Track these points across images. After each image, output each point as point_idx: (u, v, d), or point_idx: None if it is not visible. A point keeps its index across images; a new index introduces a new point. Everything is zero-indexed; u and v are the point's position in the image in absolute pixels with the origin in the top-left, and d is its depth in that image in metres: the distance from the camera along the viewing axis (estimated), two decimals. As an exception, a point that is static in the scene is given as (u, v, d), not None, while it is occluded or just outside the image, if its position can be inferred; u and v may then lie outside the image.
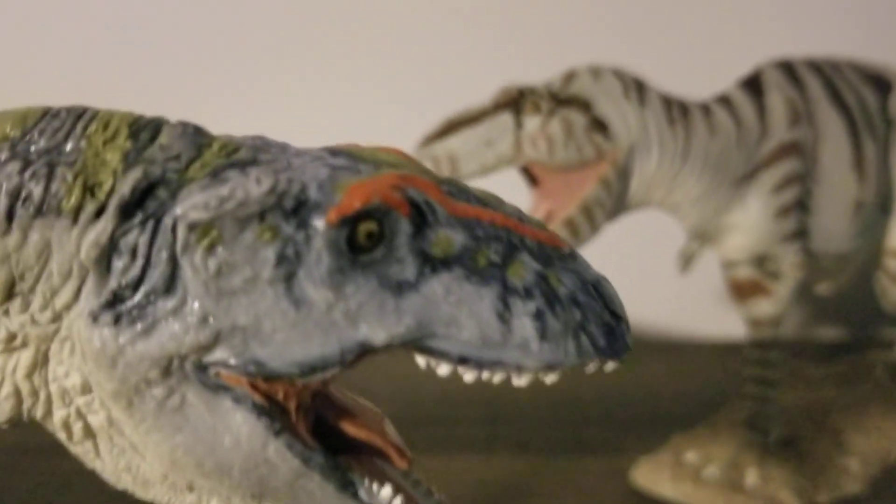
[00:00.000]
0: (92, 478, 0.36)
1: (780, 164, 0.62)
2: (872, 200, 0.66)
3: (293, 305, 0.30)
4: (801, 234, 0.63)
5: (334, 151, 0.33)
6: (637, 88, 0.59)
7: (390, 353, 0.31)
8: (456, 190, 0.32)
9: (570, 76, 0.59)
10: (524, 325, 0.30)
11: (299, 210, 0.30)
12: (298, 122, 0.90)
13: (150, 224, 0.31)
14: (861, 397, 0.75)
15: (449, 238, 0.31)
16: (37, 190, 0.31)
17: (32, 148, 0.32)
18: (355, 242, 0.30)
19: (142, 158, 0.31)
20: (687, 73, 0.66)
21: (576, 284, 0.31)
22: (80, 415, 0.33)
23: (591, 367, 0.31)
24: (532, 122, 0.57)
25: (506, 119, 0.57)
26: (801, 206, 0.63)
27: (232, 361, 0.30)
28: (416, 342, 0.31)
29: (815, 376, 0.80)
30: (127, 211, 0.31)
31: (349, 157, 0.32)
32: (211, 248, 0.30)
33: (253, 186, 0.30)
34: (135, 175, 0.31)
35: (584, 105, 0.58)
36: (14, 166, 0.31)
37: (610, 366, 0.31)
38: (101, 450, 0.34)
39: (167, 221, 0.31)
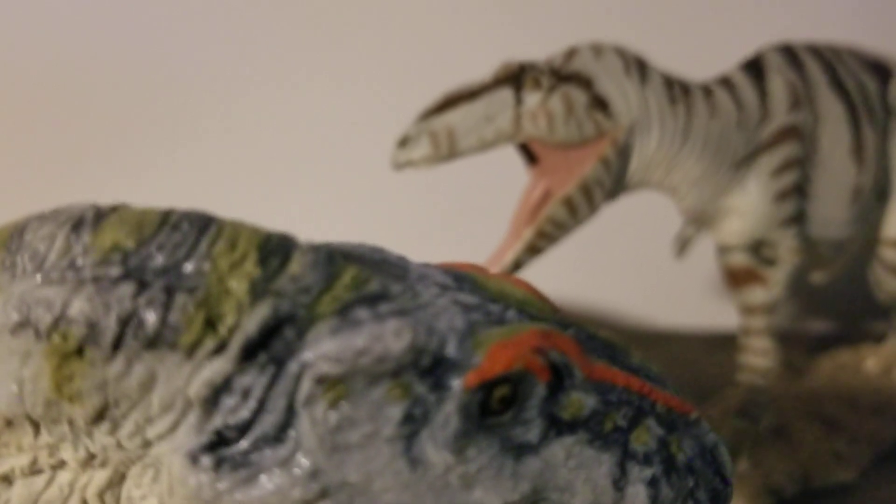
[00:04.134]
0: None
1: (780, 147, 0.62)
2: (870, 188, 0.65)
3: (409, 466, 0.28)
4: (798, 219, 0.63)
5: (459, 280, 0.31)
6: (638, 67, 0.59)
7: None
8: (587, 340, 0.31)
9: (571, 53, 0.58)
10: (638, 492, 0.30)
11: (435, 369, 0.28)
12: (300, 98, 0.89)
13: (272, 367, 0.28)
14: (852, 388, 0.75)
15: (581, 402, 0.30)
16: (151, 319, 0.28)
17: (149, 265, 0.29)
18: (487, 406, 0.29)
19: (270, 290, 0.29)
20: (688, 53, 0.66)
21: (695, 450, 0.31)
22: None
23: None
24: (532, 98, 0.56)
25: (506, 94, 0.56)
26: (800, 190, 0.63)
27: None
28: None
29: (807, 366, 0.80)
30: (250, 351, 0.28)
31: (478, 294, 0.30)
32: (335, 403, 0.28)
33: (392, 342, 0.28)
34: (263, 312, 0.28)
35: (585, 82, 0.57)
36: (128, 289, 0.28)
37: None
38: None
39: (292, 367, 0.28)
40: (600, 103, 0.57)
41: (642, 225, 0.82)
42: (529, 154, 0.60)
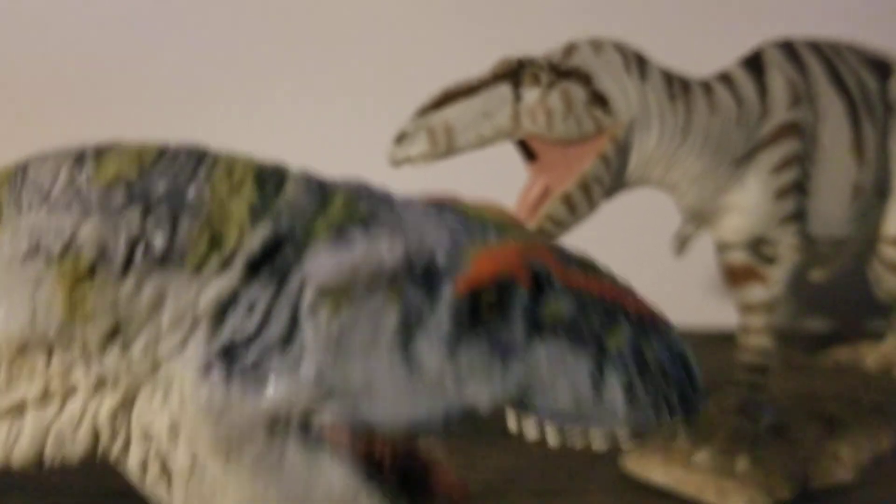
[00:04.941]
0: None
1: (780, 144, 0.61)
2: (870, 185, 0.65)
3: (407, 368, 0.30)
4: (798, 217, 0.63)
5: (440, 206, 0.33)
6: (638, 63, 0.59)
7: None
8: (563, 257, 0.33)
9: (570, 49, 0.58)
10: (615, 391, 0.32)
11: (428, 277, 0.30)
12: (298, 95, 0.89)
13: (275, 281, 0.30)
14: (852, 386, 0.75)
15: (560, 307, 0.32)
16: (159, 239, 0.30)
17: (152, 192, 0.30)
18: (476, 310, 0.31)
19: (269, 212, 0.31)
20: (688, 49, 0.65)
21: (666, 355, 0.32)
22: (159, 456, 0.32)
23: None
24: (531, 95, 0.56)
25: (504, 90, 0.56)
26: (800, 187, 0.62)
27: (340, 420, 0.30)
28: (514, 404, 0.31)
29: (807, 365, 0.80)
30: (254, 267, 0.30)
31: (458, 217, 0.32)
32: (337, 311, 0.30)
33: (386, 254, 0.30)
34: (264, 230, 0.30)
35: (584, 78, 0.57)
36: (134, 212, 0.30)
37: (680, 430, 0.33)
38: (175, 490, 0.33)
39: (294, 280, 0.30)
40: (599, 100, 0.57)
41: (641, 222, 0.82)
42: (528, 151, 0.59)
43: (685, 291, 0.92)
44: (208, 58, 0.91)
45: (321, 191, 0.32)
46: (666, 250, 0.77)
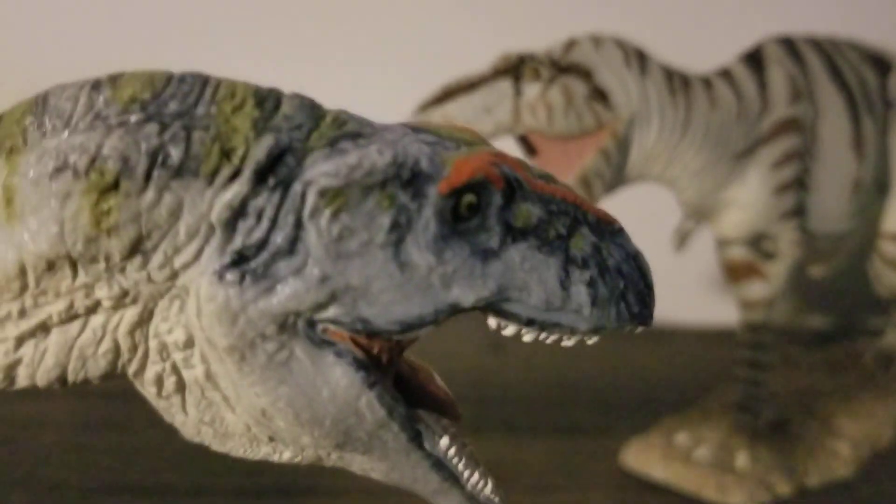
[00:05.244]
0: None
1: (780, 139, 0.61)
2: (870, 181, 0.65)
3: (399, 268, 0.32)
4: (798, 212, 0.63)
5: (416, 129, 0.35)
6: (638, 58, 0.59)
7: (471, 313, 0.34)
8: (527, 166, 0.36)
9: (571, 44, 0.58)
10: (580, 291, 0.34)
11: (414, 180, 0.33)
12: (296, 90, 0.89)
13: (279, 189, 0.32)
14: (850, 383, 0.75)
15: (529, 211, 0.34)
16: (176, 152, 0.32)
17: (165, 111, 0.32)
18: (457, 212, 0.33)
19: (270, 127, 0.33)
20: (688, 45, 0.65)
21: (621, 256, 0.35)
22: (175, 369, 0.34)
23: (626, 331, 0.35)
24: (531, 90, 0.56)
25: (505, 86, 0.56)
26: (800, 183, 0.62)
27: (342, 319, 0.32)
28: (494, 305, 0.33)
29: (806, 361, 0.80)
30: (261, 175, 0.32)
31: (434, 135, 0.35)
32: (336, 214, 0.32)
33: (377, 157, 0.32)
34: (267, 142, 0.32)
35: (584, 73, 0.57)
36: (152, 128, 0.32)
37: (638, 330, 0.35)
38: (188, 404, 0.35)
39: (296, 187, 0.32)
40: (600, 95, 0.57)
41: (641, 218, 0.81)
42: (529, 146, 0.59)
43: (685, 287, 0.92)
44: (208, 55, 0.90)
45: (313, 109, 0.34)
46: (666, 246, 0.77)
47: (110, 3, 0.91)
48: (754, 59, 0.63)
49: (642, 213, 0.80)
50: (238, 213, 0.32)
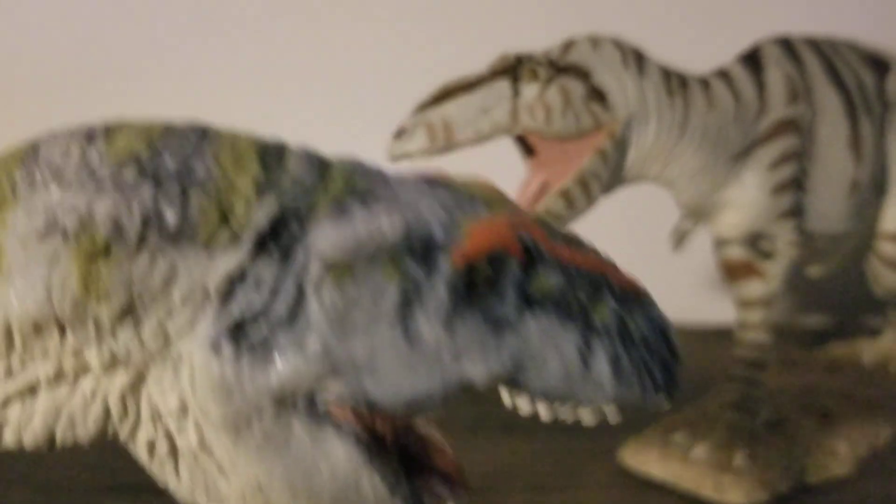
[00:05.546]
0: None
1: (778, 140, 0.62)
2: (867, 181, 0.65)
3: (407, 342, 0.31)
4: (796, 213, 0.63)
5: (431, 182, 0.33)
6: (636, 59, 0.59)
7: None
8: (550, 231, 0.34)
9: (568, 45, 0.58)
10: (601, 363, 0.32)
11: (426, 251, 0.31)
12: (295, 90, 0.89)
13: (281, 256, 0.31)
14: (849, 382, 0.75)
15: (549, 280, 0.32)
16: (171, 215, 0.30)
17: (162, 168, 0.31)
18: (472, 283, 0.31)
19: (273, 186, 0.31)
20: (686, 45, 0.65)
21: (647, 325, 0.33)
22: (167, 435, 0.33)
23: (649, 404, 0.34)
24: (529, 90, 0.56)
25: (503, 86, 0.56)
26: (798, 183, 0.63)
27: (344, 395, 0.31)
28: (507, 378, 0.32)
29: (804, 361, 0.80)
30: (262, 242, 0.31)
31: (450, 192, 0.33)
32: (341, 286, 0.30)
33: (388, 227, 0.31)
34: (270, 205, 0.31)
35: (582, 74, 0.57)
36: (147, 189, 0.30)
37: (663, 404, 0.34)
38: (181, 469, 0.34)
39: (299, 255, 0.31)
40: (598, 95, 0.57)
41: (639, 218, 0.82)
42: (527, 146, 0.59)
43: (683, 287, 0.92)
44: (207, 52, 0.91)
45: (320, 165, 0.32)
46: (664, 246, 0.77)
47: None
48: (752, 60, 0.63)
49: (640, 214, 0.80)
50: (236, 280, 0.30)
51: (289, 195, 0.31)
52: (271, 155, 0.32)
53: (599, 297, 0.33)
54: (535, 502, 0.61)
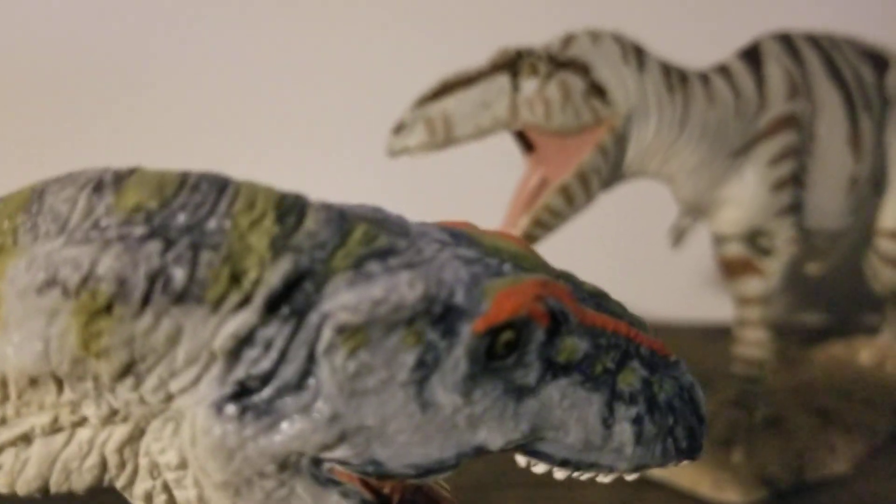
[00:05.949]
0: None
1: (778, 136, 0.61)
2: (866, 178, 0.65)
3: (420, 408, 0.30)
4: (795, 209, 0.63)
5: (456, 236, 0.32)
6: (636, 54, 0.58)
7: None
8: (577, 289, 0.33)
9: (568, 39, 0.58)
10: (624, 429, 0.32)
11: (446, 316, 0.30)
12: (296, 86, 0.89)
13: (293, 318, 0.29)
14: (846, 380, 0.75)
15: (575, 346, 0.31)
16: (179, 275, 0.29)
17: (173, 224, 0.29)
18: (493, 350, 0.30)
19: (289, 246, 0.30)
20: (686, 41, 0.65)
21: (674, 390, 0.33)
22: (166, 488, 0.32)
23: (670, 466, 0.33)
24: (529, 85, 0.56)
25: (502, 81, 0.56)
26: (797, 180, 0.62)
27: (352, 460, 0.30)
28: (525, 445, 0.31)
29: (802, 358, 0.80)
30: (274, 304, 0.29)
31: (474, 247, 0.32)
32: (354, 351, 0.29)
33: (407, 291, 0.29)
34: (284, 266, 0.29)
35: (582, 68, 0.57)
36: (155, 246, 0.29)
37: (685, 464, 0.33)
38: None
39: (313, 318, 0.29)
40: (598, 90, 0.57)
41: (638, 214, 0.81)
42: (526, 142, 0.59)
43: (681, 284, 0.92)
44: (206, 51, 0.90)
45: (341, 222, 0.31)
46: (663, 242, 0.77)
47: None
48: (752, 56, 0.63)
49: (639, 210, 0.80)
50: (244, 341, 0.29)
51: (306, 255, 0.30)
52: (290, 211, 0.30)
53: (626, 361, 0.32)
54: (534, 499, 0.60)
